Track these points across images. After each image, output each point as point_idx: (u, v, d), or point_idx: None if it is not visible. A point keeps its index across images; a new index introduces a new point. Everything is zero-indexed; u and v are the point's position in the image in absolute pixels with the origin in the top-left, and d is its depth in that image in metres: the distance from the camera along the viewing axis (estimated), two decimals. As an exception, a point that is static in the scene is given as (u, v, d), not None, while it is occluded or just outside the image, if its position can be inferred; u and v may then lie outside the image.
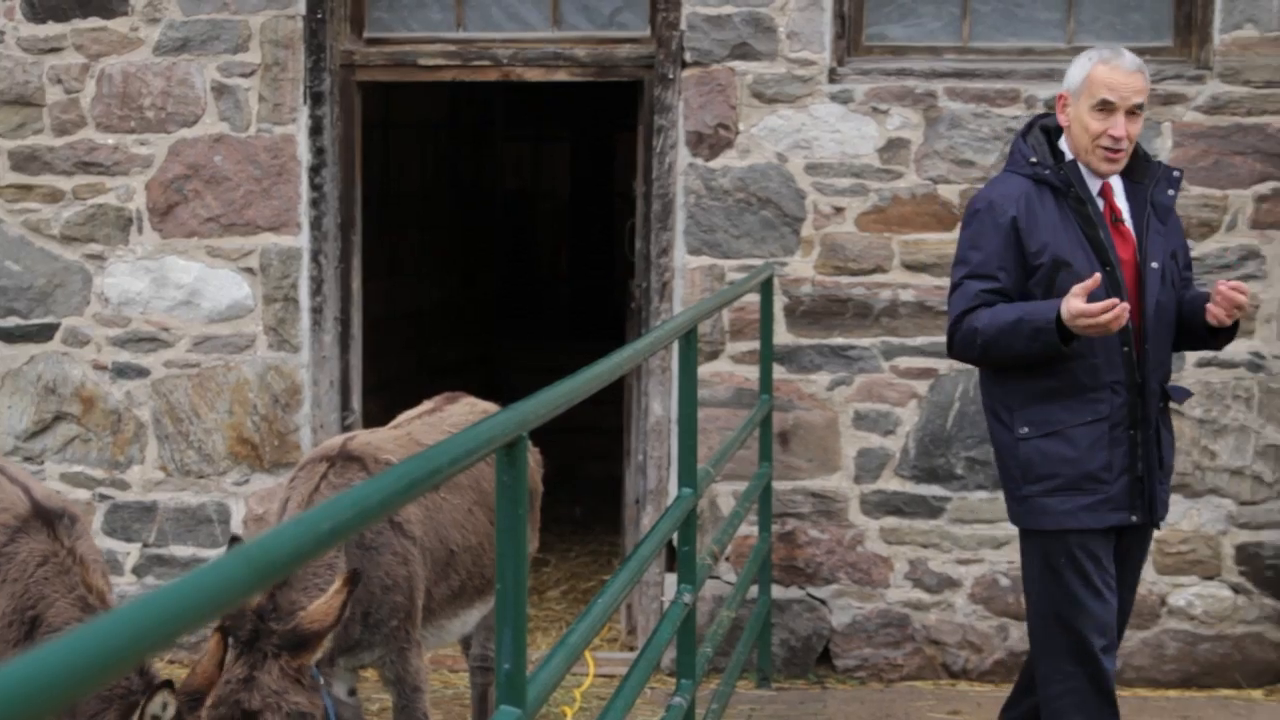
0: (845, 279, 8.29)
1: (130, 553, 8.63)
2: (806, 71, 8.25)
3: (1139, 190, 5.79)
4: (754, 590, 8.08)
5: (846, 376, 8.30)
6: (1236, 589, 8.24)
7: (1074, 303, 5.40)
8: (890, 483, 8.31)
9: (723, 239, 8.30)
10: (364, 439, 6.18)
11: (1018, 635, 8.24)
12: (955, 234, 8.19)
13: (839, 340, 8.30)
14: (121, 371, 8.58)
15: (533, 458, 6.76)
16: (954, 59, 8.31)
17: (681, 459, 5.85)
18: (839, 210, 8.27)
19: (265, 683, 5.20)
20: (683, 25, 8.28)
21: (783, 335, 8.28)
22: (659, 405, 8.40)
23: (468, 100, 13.50)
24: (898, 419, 8.29)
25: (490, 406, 6.64)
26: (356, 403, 8.68)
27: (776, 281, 8.24)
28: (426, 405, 6.87)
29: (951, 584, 8.31)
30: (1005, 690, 8.12)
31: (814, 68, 8.26)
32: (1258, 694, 8.16)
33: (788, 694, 8.18)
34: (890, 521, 8.32)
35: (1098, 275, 5.50)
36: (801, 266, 8.29)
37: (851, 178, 8.26)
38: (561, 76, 8.54)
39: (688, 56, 8.28)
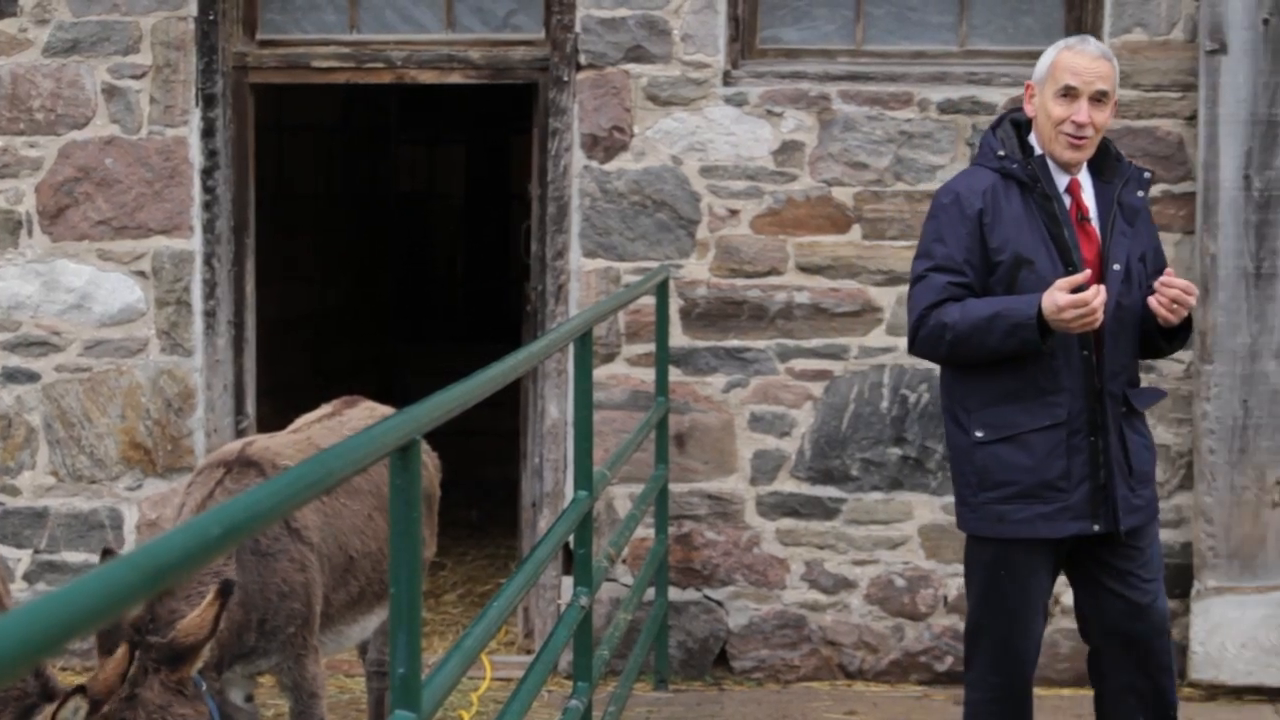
0: (740, 281, 8.31)
1: (21, 559, 8.53)
2: (701, 74, 8.27)
3: (1107, 190, 5.68)
4: (651, 592, 8.09)
5: (742, 379, 8.33)
6: (1128, 587, 8.30)
7: (1060, 295, 5.32)
8: (786, 484, 8.34)
9: (618, 241, 8.31)
10: (263, 444, 6.14)
11: (913, 635, 8.29)
12: (849, 236, 8.31)
13: (734, 342, 8.33)
14: (11, 376, 8.48)
15: (430, 461, 6.75)
16: (847, 62, 8.35)
17: (578, 462, 5.85)
18: (734, 213, 8.29)
19: (148, 699, 5.19)
20: (577, 28, 8.28)
21: (678, 338, 8.29)
22: (555, 408, 8.39)
23: (362, 102, 13.46)
24: (793, 421, 8.32)
25: (389, 410, 6.60)
26: (251, 406, 8.63)
27: (672, 284, 8.25)
28: (325, 409, 6.83)
29: (847, 585, 8.35)
30: (901, 690, 8.21)
31: (708, 70, 8.28)
32: (1149, 691, 8.23)
33: (685, 696, 8.19)
34: (786, 523, 8.35)
35: (1088, 271, 5.43)
36: (697, 269, 8.31)
37: (746, 180, 8.28)
38: (456, 79, 8.52)
39: (582, 59, 8.28)
